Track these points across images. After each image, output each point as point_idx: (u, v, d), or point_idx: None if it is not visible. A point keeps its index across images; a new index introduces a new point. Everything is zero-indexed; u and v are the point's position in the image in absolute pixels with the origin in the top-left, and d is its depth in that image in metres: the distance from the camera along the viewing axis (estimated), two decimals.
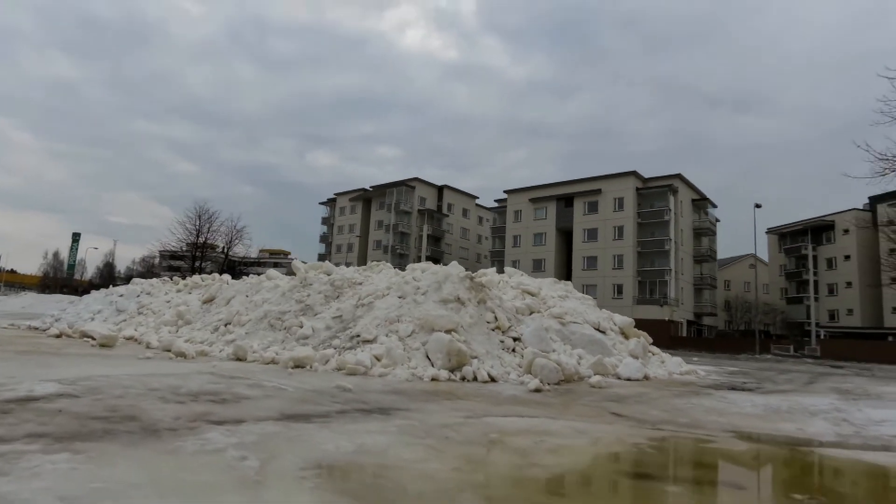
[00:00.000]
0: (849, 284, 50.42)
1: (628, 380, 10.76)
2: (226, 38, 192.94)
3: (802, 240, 54.52)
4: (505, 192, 55.03)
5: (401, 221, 59.73)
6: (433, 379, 8.78)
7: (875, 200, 50.58)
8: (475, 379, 9.10)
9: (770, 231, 59.45)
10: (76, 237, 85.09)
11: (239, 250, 46.84)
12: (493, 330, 10.83)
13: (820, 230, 53.68)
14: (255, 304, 13.73)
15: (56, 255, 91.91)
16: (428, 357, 9.59)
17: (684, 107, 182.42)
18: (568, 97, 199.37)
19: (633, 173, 46.57)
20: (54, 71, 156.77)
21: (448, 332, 9.97)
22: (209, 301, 16.00)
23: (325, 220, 71.04)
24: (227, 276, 19.79)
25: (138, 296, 19.43)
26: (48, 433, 3.68)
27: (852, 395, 9.95)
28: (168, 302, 17.89)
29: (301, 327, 11.33)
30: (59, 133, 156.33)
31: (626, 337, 13.22)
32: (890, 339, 40.87)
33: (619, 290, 45.34)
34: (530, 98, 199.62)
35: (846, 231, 51.41)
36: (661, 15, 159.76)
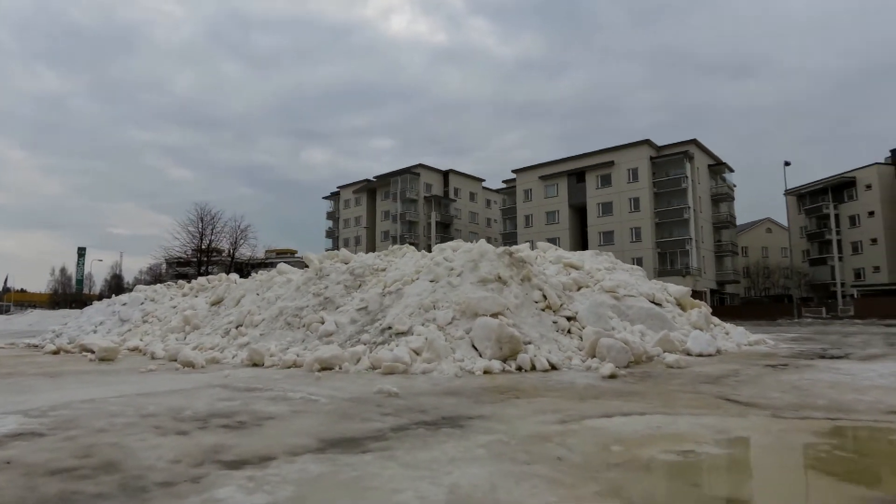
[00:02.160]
0: (874, 241, 48.58)
1: (700, 355, 9.39)
2: (208, 37, 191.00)
3: (823, 199, 52.65)
4: (513, 171, 53.44)
5: (407, 210, 58.31)
6: (486, 372, 7.42)
7: None
8: (533, 368, 7.74)
9: (788, 192, 57.40)
10: (82, 251, 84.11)
11: (245, 251, 45.59)
12: (542, 310, 9.45)
13: (840, 188, 51.73)
14: (267, 301, 12.41)
15: (63, 270, 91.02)
16: (474, 346, 8.23)
17: (680, 77, 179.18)
18: (559, 75, 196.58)
19: (647, 142, 44.82)
20: (40, 85, 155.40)
21: (494, 315, 8.59)
22: (217, 303, 14.70)
23: (329, 215, 69.73)
24: (234, 276, 18.49)
25: (142, 303, 18.18)
26: None
27: None
28: (174, 307, 16.61)
29: (322, 323, 9.98)
30: (51, 147, 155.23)
31: (683, 308, 11.81)
32: None
33: (639, 262, 43.58)
34: (521, 78, 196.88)
35: (868, 187, 49.53)
36: None
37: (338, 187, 68.02)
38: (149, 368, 8.41)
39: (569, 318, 9.41)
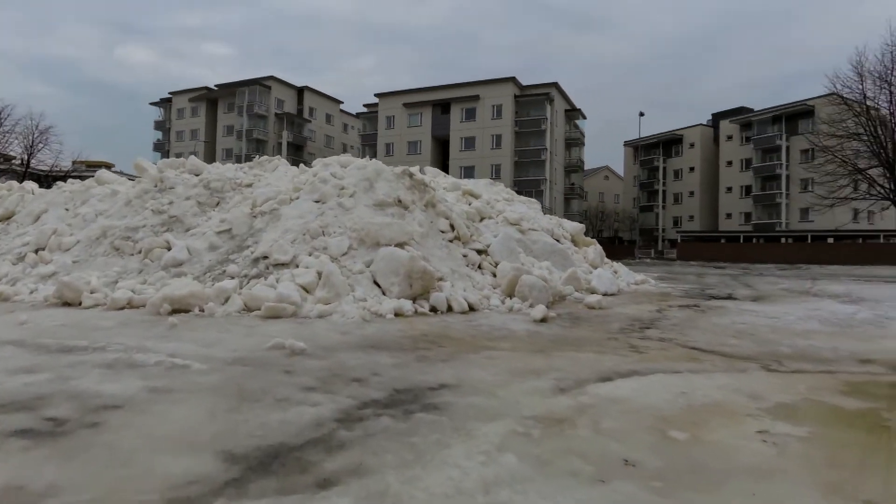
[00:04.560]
0: (691, 193, 55.55)
1: (605, 294, 9.02)
2: None
3: (655, 152, 58.39)
4: (376, 95, 50.37)
5: (255, 126, 52.35)
6: (397, 314, 6.07)
7: (718, 117, 55.25)
8: (450, 309, 6.57)
9: (627, 144, 62.79)
10: None
11: (45, 158, 37.05)
12: (450, 242, 8.23)
13: (670, 144, 57.69)
14: (83, 218, 9.45)
15: None
16: (376, 283, 6.78)
17: (535, 22, 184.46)
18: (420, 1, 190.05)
19: (512, 80, 44.85)
20: None
21: (400, 246, 7.17)
22: (6, 219, 11.08)
23: (158, 125, 60.20)
24: (31, 184, 14.33)
25: None
26: None
27: (848, 299, 9.22)
28: None
29: (169, 249, 7.68)
30: None
31: (577, 245, 11.49)
32: (722, 241, 45.80)
33: None
34: None
35: (692, 145, 55.88)
36: None
37: (170, 93, 58.57)
38: None
39: (479, 252, 8.34)
